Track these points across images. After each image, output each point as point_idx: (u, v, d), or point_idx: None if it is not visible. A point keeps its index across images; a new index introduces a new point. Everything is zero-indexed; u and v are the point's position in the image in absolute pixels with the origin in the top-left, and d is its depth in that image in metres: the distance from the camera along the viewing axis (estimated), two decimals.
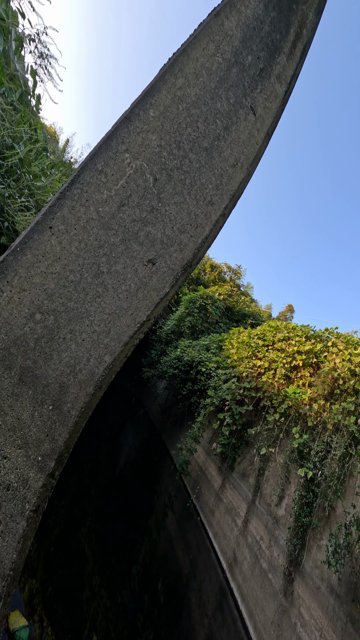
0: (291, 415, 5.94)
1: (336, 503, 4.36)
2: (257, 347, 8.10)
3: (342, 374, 5.61)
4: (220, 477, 6.94)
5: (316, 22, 2.99)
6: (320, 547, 4.21)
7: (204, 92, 1.73)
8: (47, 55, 6.33)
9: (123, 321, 1.51)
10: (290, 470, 5.26)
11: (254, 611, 4.41)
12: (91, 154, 1.61)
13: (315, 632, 3.74)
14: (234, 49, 1.88)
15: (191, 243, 1.60)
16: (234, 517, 5.85)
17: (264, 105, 1.98)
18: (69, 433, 1.39)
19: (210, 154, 1.70)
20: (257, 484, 5.77)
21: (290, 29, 2.46)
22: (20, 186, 4.81)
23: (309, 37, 2.83)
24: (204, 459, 7.96)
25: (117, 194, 1.59)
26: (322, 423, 5.39)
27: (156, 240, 1.57)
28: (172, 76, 1.69)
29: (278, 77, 2.19)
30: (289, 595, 4.16)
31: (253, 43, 2.04)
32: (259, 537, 5.09)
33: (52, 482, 1.37)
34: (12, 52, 5.51)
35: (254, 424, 6.80)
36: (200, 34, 1.76)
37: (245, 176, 1.76)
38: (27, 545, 1.30)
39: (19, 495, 1.28)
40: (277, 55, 2.25)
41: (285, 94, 2.27)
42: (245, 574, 4.91)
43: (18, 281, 1.52)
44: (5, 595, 1.20)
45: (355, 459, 4.55)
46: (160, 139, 1.64)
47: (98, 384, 1.46)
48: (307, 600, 3.99)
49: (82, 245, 1.53)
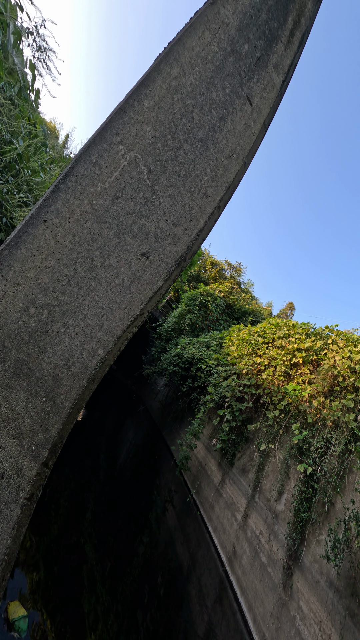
0: (291, 412, 5.95)
1: (335, 499, 4.37)
2: (257, 345, 8.09)
3: (342, 372, 5.60)
4: (220, 473, 6.97)
5: (315, 11, 2.94)
6: (320, 542, 4.22)
7: (199, 82, 1.70)
8: (46, 49, 6.27)
9: (116, 315, 1.52)
10: (290, 466, 5.28)
11: (254, 604, 4.45)
12: (85, 146, 1.60)
13: (314, 625, 3.77)
14: (231, 38, 1.84)
15: (185, 236, 1.59)
16: (233, 512, 5.89)
17: (261, 95, 1.95)
18: (62, 424, 1.42)
19: (205, 145, 1.68)
20: (256, 480, 5.79)
21: (289, 17, 2.42)
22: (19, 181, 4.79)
23: (308, 25, 2.78)
24: (203, 455, 8.00)
25: (111, 187, 1.58)
26: (322, 420, 5.39)
27: (150, 234, 1.56)
28: (167, 66, 1.67)
29: (275, 67, 2.15)
30: (288, 588, 4.19)
31: (250, 31, 2.01)
32: (258, 532, 5.12)
33: (46, 470, 1.40)
34: (11, 46, 5.46)
35: (254, 421, 6.82)
36: (196, 23, 1.73)
37: (241, 168, 1.74)
38: (22, 532, 1.34)
39: (13, 483, 1.31)
40: (275, 44, 2.21)
41: (283, 83, 2.24)
42: (244, 567, 4.95)
43: (12, 275, 1.52)
44: (0, 579, 1.24)
45: (354, 455, 4.55)
46: (154, 130, 1.62)
47: (91, 377, 1.47)
48: (306, 594, 4.01)
49: (76, 239, 1.52)
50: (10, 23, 5.30)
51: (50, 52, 6.33)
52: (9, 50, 5.45)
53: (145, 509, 6.73)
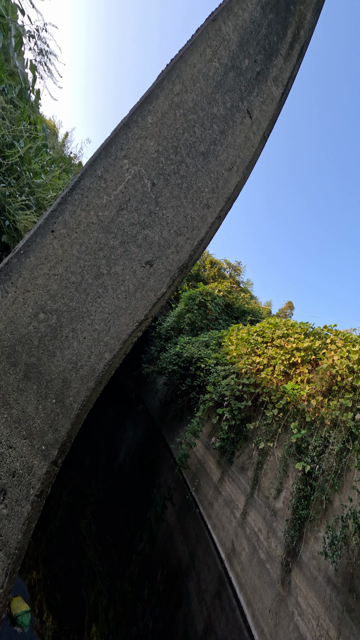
0: (289, 411, 6.02)
1: (333, 496, 4.44)
2: (256, 344, 8.16)
3: (340, 371, 5.66)
4: (219, 471, 7.06)
5: (314, 22, 2.99)
6: (318, 538, 4.30)
7: (200, 98, 1.77)
8: (47, 52, 6.31)
9: (122, 320, 1.59)
10: (289, 464, 5.35)
11: (252, 600, 4.53)
12: (91, 161, 1.66)
13: (312, 620, 3.84)
14: (231, 54, 1.91)
15: (187, 245, 1.66)
16: (232, 510, 5.97)
17: (261, 108, 2.02)
18: (71, 424, 1.49)
19: (206, 158, 1.75)
20: (255, 478, 5.87)
21: (288, 30, 2.48)
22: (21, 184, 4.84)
23: (307, 37, 2.84)
24: (203, 453, 8.08)
25: (116, 199, 1.64)
26: (320, 419, 5.46)
27: (154, 243, 1.64)
28: (170, 83, 1.73)
29: (275, 80, 2.22)
30: (287, 584, 4.26)
31: (250, 46, 2.07)
32: (257, 529, 5.21)
33: (55, 469, 1.48)
34: (12, 49, 5.50)
35: (253, 419, 6.90)
36: (197, 40, 1.79)
37: (241, 179, 1.81)
38: (32, 527, 1.41)
39: (24, 481, 1.39)
40: (274, 57, 2.27)
41: (282, 96, 2.30)
42: (243, 564, 5.04)
43: (22, 282, 1.59)
44: (11, 572, 1.32)
45: (352, 453, 4.61)
46: (158, 144, 1.69)
47: (99, 379, 1.55)
48: (305, 590, 4.08)
49: (83, 248, 1.60)
50: (11, 26, 5.34)
51: (52, 55, 6.38)
52: (10, 53, 5.49)
53: (144, 507, 6.81)
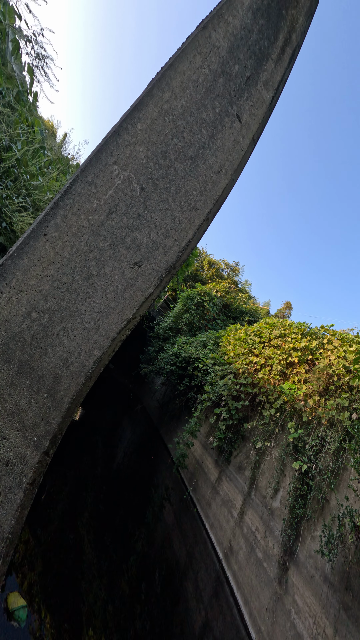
0: (286, 411, 6.05)
1: (330, 495, 4.47)
2: (254, 344, 8.19)
3: (337, 371, 5.69)
4: (217, 470, 7.08)
5: (307, 26, 3.02)
6: (314, 537, 4.32)
7: (190, 104, 1.80)
8: (44, 56, 6.38)
9: (111, 319, 1.65)
10: (286, 463, 5.38)
11: (249, 598, 4.55)
12: (82, 167, 1.70)
13: (309, 618, 3.86)
14: (221, 60, 1.94)
15: (175, 246, 1.71)
16: (230, 509, 6.00)
17: (250, 112, 2.06)
18: (62, 417, 1.56)
19: (195, 162, 1.78)
20: (252, 477, 5.90)
21: (279, 34, 2.51)
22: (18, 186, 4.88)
23: (299, 41, 2.87)
24: (200, 453, 8.11)
25: (106, 203, 1.68)
26: (317, 418, 5.49)
27: (142, 245, 1.68)
28: (159, 90, 1.76)
29: (265, 84, 2.26)
30: (284, 583, 4.28)
31: (240, 52, 2.11)
32: (254, 528, 5.23)
33: (47, 459, 1.55)
34: (9, 53, 5.56)
35: (250, 419, 6.93)
36: (187, 48, 1.82)
37: (230, 181, 1.85)
38: (24, 514, 1.48)
39: (17, 470, 1.45)
40: (265, 62, 2.31)
41: (273, 99, 2.34)
42: (240, 563, 5.06)
43: (16, 283, 1.64)
44: (4, 555, 1.38)
45: (348, 453, 4.64)
46: (147, 150, 1.72)
47: (88, 375, 1.62)
48: (301, 588, 4.10)
49: (74, 250, 1.65)
50: (9, 31, 5.40)
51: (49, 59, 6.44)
52: (8, 57, 5.55)
53: (142, 507, 6.83)
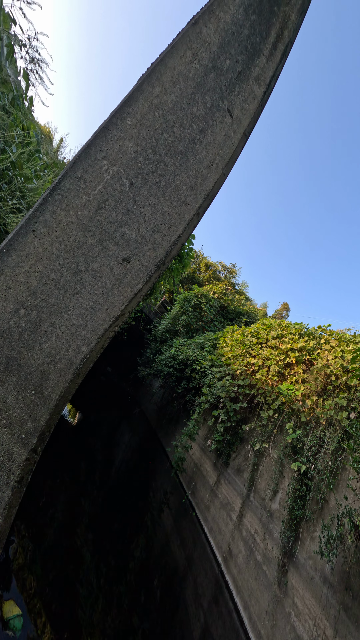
0: (285, 412, 6.03)
1: (329, 496, 4.44)
2: (251, 345, 8.18)
3: (334, 371, 5.68)
4: (216, 473, 7.02)
5: (299, 22, 3.03)
6: (314, 538, 4.28)
7: (180, 99, 1.80)
8: (38, 60, 6.42)
9: (99, 315, 1.63)
10: (284, 464, 5.34)
11: (249, 602, 4.49)
12: (71, 163, 1.70)
13: (309, 620, 3.81)
14: (212, 55, 1.94)
15: (164, 242, 1.69)
16: (229, 512, 5.93)
17: (242, 107, 2.06)
18: (49, 414, 1.54)
19: (185, 157, 1.78)
20: (251, 479, 5.85)
21: (271, 30, 2.52)
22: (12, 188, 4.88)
23: (291, 37, 2.88)
24: (199, 456, 8.05)
25: (95, 199, 1.68)
26: (315, 418, 5.47)
27: (131, 240, 1.67)
28: (150, 85, 1.76)
29: (257, 79, 2.26)
30: (283, 585, 4.23)
31: (232, 47, 2.12)
32: (253, 531, 5.18)
33: (35, 456, 1.52)
34: (4, 58, 5.59)
35: (248, 421, 6.89)
36: (178, 43, 1.82)
37: (221, 176, 1.84)
38: (13, 512, 1.45)
39: (4, 467, 1.43)
40: (257, 57, 2.32)
41: (264, 94, 2.35)
42: (240, 566, 5.00)
43: (4, 280, 1.62)
44: None
45: (347, 452, 4.62)
46: (136, 145, 1.71)
47: (76, 372, 1.60)
48: (301, 590, 4.06)
49: (62, 247, 1.63)
50: (3, 36, 5.43)
51: (43, 63, 6.49)
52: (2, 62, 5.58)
53: (141, 511, 6.76)
